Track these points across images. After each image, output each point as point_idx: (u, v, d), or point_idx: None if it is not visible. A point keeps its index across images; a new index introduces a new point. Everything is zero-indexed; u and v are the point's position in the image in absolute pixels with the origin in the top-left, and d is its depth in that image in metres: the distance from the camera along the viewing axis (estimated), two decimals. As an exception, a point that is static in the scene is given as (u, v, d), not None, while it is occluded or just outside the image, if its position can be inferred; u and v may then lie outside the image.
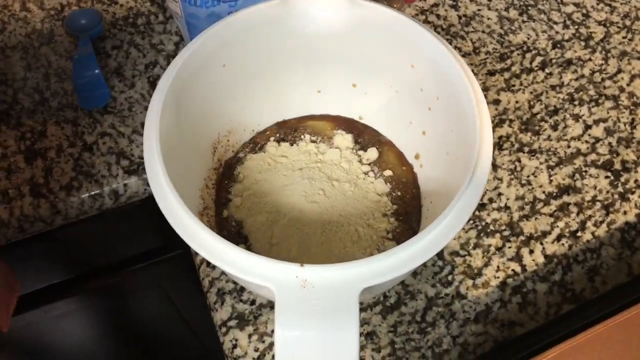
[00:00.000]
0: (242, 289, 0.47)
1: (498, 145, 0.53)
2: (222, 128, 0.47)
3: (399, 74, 0.45)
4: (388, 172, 0.47)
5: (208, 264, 0.48)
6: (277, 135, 0.49)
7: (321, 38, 0.45)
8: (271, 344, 0.45)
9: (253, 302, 0.46)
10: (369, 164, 0.48)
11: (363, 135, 0.49)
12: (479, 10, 0.61)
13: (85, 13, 0.59)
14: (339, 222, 0.44)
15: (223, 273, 0.48)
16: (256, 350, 0.45)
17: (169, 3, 0.52)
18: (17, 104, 0.55)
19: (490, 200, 0.51)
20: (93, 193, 0.52)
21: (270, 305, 0.46)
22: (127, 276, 0.68)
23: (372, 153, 0.48)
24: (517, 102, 0.56)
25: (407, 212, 0.46)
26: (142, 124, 0.54)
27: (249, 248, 0.44)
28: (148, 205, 0.54)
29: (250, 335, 0.45)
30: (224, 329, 0.46)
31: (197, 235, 0.34)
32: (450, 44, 0.59)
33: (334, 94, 0.49)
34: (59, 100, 0.55)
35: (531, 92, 0.57)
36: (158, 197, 0.35)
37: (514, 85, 0.57)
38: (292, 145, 0.49)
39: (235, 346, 0.45)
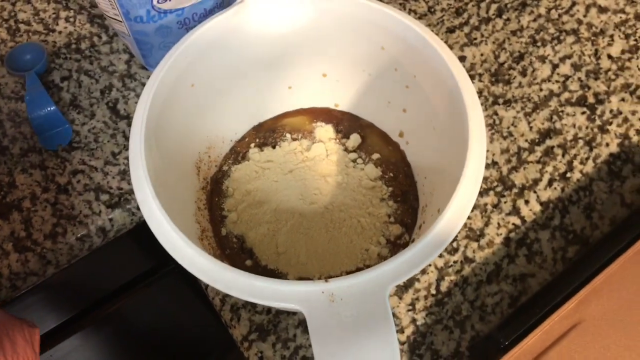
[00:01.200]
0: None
1: (473, 103, 0.53)
2: (201, 145, 0.45)
3: (369, 58, 0.44)
4: (376, 155, 0.47)
5: (215, 283, 0.47)
6: (257, 140, 0.48)
7: (285, 36, 0.43)
8: (296, 348, 0.45)
9: (269, 311, 0.46)
10: (354, 151, 0.47)
11: (342, 122, 0.48)
12: (425, -33, 0.60)
13: (25, 48, 0.56)
14: (340, 217, 0.44)
15: (233, 289, 0.47)
16: (283, 357, 0.45)
17: (112, 23, 0.50)
18: (-24, 158, 0.52)
19: (478, 160, 0.51)
20: (80, 235, 0.50)
21: (286, 310, 0.46)
22: (126, 301, 0.67)
23: (356, 139, 0.48)
24: (482, 54, 0.56)
25: (404, 192, 0.46)
26: (112, 154, 0.52)
27: (255, 261, 0.43)
28: (135, 231, 0.53)
29: (274, 345, 0.45)
30: (246, 344, 0.45)
31: (215, 272, 0.33)
32: (404, 7, 0.58)
33: (306, 87, 0.48)
34: (19, 146, 0.53)
35: (494, 42, 0.56)
36: (164, 242, 0.34)
37: (475, 39, 0.57)
38: (274, 147, 0.48)
39: (261, 358, 0.45)
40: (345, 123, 0.48)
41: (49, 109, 0.53)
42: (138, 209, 0.51)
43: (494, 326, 0.45)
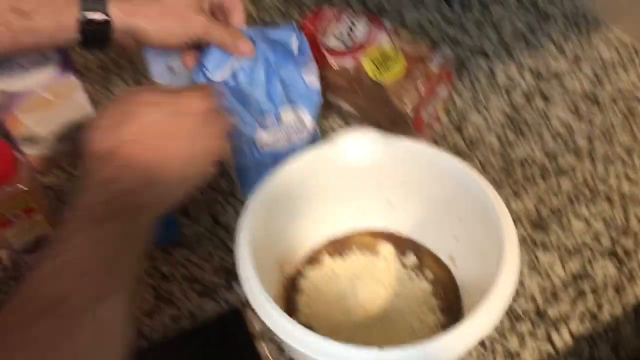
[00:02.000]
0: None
1: (516, 245, 0.62)
2: (285, 248, 0.56)
3: (428, 192, 0.55)
4: (429, 274, 0.56)
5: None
6: (330, 250, 0.58)
7: (361, 169, 0.55)
8: None
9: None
10: (411, 269, 0.56)
11: (402, 244, 0.58)
12: (480, 134, 0.73)
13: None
14: (396, 319, 0.52)
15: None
16: None
17: None
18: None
19: (517, 292, 0.59)
20: (173, 315, 0.59)
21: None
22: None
23: (412, 259, 0.57)
24: (525, 207, 0.66)
25: (450, 307, 0.54)
26: (209, 253, 0.63)
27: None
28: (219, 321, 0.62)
29: None
30: None
31: (288, 328, 0.42)
32: (461, 163, 0.70)
33: (374, 212, 0.59)
34: (135, 239, 0.65)
35: (536, 198, 0.67)
36: (264, 316, 0.43)
37: (520, 194, 0.67)
38: (343, 258, 0.58)
39: None
40: (405, 245, 0.58)
41: (167, 215, 0.65)
42: (224, 300, 0.60)
43: None
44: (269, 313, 0.43)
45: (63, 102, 0.66)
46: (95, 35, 0.52)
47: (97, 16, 0.50)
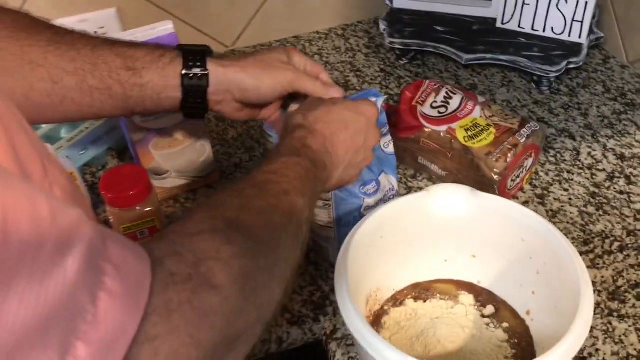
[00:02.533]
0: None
1: (591, 311, 0.65)
2: (373, 286, 0.61)
3: (511, 246, 0.60)
4: (505, 324, 0.60)
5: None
6: (413, 294, 0.63)
7: (449, 219, 0.60)
8: None
9: None
10: (488, 317, 0.60)
11: (482, 295, 0.63)
12: (562, 206, 0.77)
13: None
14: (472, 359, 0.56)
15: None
16: None
17: (319, 230, 0.69)
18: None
19: (590, 355, 0.61)
20: (263, 339, 0.65)
21: None
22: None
23: (490, 309, 0.61)
24: (602, 277, 0.69)
25: (524, 357, 0.57)
26: (300, 287, 0.69)
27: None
28: (301, 349, 0.67)
29: None
30: None
31: (383, 349, 0.47)
32: (542, 231, 0.74)
33: (458, 263, 0.64)
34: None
35: (613, 270, 0.69)
36: (360, 339, 0.49)
37: (598, 264, 0.70)
38: (425, 302, 0.62)
39: None
40: (484, 296, 0.62)
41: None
42: (310, 330, 0.66)
43: None
44: (365, 336, 0.48)
45: (189, 143, 0.76)
46: (195, 91, 0.58)
47: (197, 70, 0.58)
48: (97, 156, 0.83)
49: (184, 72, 0.58)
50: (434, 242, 0.62)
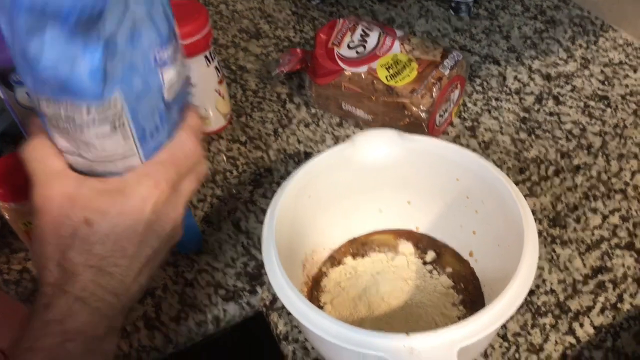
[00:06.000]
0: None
1: (534, 241, 0.63)
2: (308, 249, 0.57)
3: (446, 187, 0.56)
4: (449, 269, 0.57)
5: (307, 367, 0.56)
6: (351, 250, 0.59)
7: (380, 168, 0.56)
8: None
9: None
10: (431, 264, 0.57)
11: (421, 241, 0.59)
12: (494, 136, 0.74)
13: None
14: (418, 313, 0.53)
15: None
16: None
17: None
18: (125, 255, 0.66)
19: (537, 287, 0.60)
20: (199, 321, 0.60)
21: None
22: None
23: (432, 255, 0.58)
24: (541, 204, 0.67)
25: (472, 300, 0.55)
26: (232, 259, 0.64)
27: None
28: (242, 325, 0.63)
29: None
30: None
31: (317, 319, 0.43)
32: (476, 165, 0.71)
33: (393, 212, 0.60)
34: (159, 248, 0.66)
35: (551, 195, 0.67)
36: (282, 296, 0.45)
37: (536, 192, 0.68)
38: (364, 257, 0.59)
39: None
40: (424, 242, 0.59)
41: (188, 222, 0.67)
42: (248, 304, 0.61)
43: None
44: (298, 307, 0.44)
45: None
46: None
47: None
48: (-13, 145, 0.74)
49: None
50: (365, 193, 0.58)
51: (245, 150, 0.75)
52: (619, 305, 0.58)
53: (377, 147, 0.55)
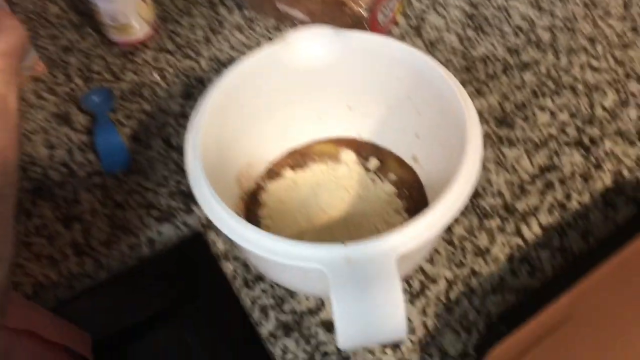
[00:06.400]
0: (282, 302, 0.52)
1: (481, 142, 0.61)
2: (243, 162, 0.53)
3: (386, 89, 0.52)
4: (392, 176, 0.54)
5: (246, 285, 0.53)
6: (289, 162, 0.56)
7: (316, 70, 0.52)
8: (318, 344, 0.50)
9: (294, 312, 0.51)
10: (374, 172, 0.54)
11: (364, 149, 0.56)
12: (440, 35, 0.70)
13: (97, 92, 0.66)
14: (360, 222, 0.50)
15: (263, 291, 0.53)
16: (305, 351, 0.49)
17: None
18: (48, 179, 0.61)
19: (484, 189, 0.58)
20: (131, 244, 0.57)
21: (310, 311, 0.51)
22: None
23: (375, 162, 0.55)
24: (488, 104, 0.64)
25: (416, 207, 0.52)
26: (164, 177, 0.60)
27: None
28: (180, 247, 0.60)
29: (297, 340, 0.50)
30: (272, 339, 0.50)
31: (248, 235, 0.39)
32: (421, 66, 0.67)
33: (333, 118, 0.56)
34: (85, 170, 0.61)
35: (499, 94, 0.64)
36: (209, 212, 0.41)
37: (483, 92, 0.65)
38: (304, 168, 0.55)
39: (285, 352, 0.50)
40: (366, 150, 0.56)
41: (113, 139, 0.62)
42: (184, 224, 0.58)
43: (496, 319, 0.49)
44: (230, 225, 0.41)
45: None
46: None
47: None
48: None
49: None
50: (302, 99, 0.54)
51: (174, 60, 0.69)
52: (566, 203, 0.57)
53: (312, 45, 0.50)
